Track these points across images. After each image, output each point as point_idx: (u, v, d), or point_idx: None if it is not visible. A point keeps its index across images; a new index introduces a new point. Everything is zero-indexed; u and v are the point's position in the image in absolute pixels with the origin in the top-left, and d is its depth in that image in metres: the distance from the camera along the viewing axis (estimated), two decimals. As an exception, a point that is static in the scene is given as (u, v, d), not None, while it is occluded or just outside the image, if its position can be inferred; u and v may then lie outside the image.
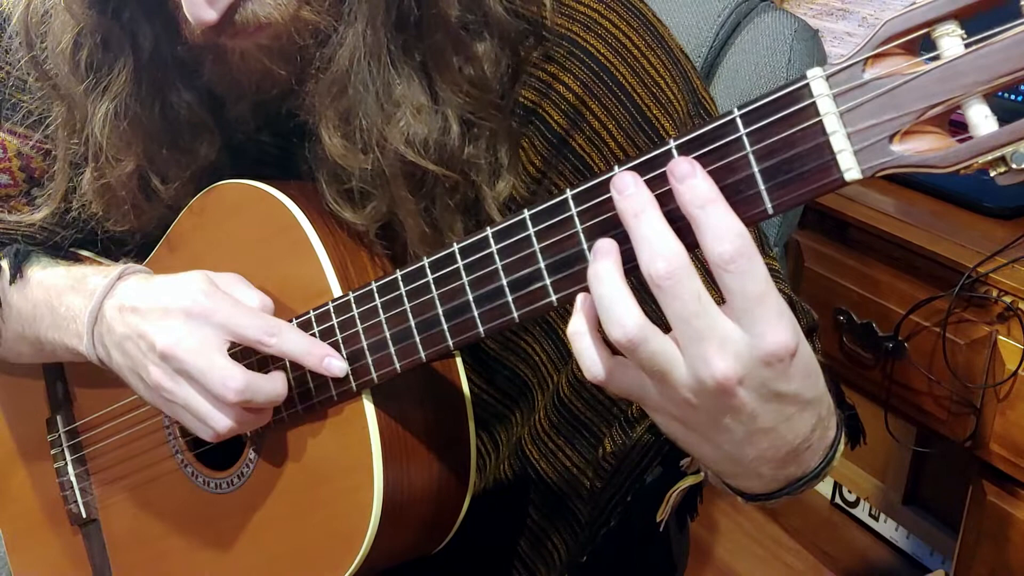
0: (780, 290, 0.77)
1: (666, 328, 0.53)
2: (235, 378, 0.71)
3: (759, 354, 0.51)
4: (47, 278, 0.85)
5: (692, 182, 0.51)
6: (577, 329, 0.56)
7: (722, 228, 0.51)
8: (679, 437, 0.59)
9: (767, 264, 0.78)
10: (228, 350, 0.73)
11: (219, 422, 0.73)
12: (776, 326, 0.51)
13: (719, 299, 0.52)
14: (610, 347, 0.56)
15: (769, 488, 0.60)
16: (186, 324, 0.73)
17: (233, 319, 0.73)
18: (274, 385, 0.74)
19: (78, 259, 0.91)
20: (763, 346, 0.51)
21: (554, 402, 0.82)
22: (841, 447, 0.60)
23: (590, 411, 0.81)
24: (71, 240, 0.88)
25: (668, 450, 0.76)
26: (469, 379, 0.80)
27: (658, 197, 0.54)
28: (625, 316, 0.53)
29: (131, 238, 0.84)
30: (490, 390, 0.85)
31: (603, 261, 0.54)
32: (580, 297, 0.57)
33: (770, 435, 0.55)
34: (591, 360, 0.56)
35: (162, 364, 0.74)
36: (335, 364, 0.72)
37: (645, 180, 0.55)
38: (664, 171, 0.53)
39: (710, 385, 0.52)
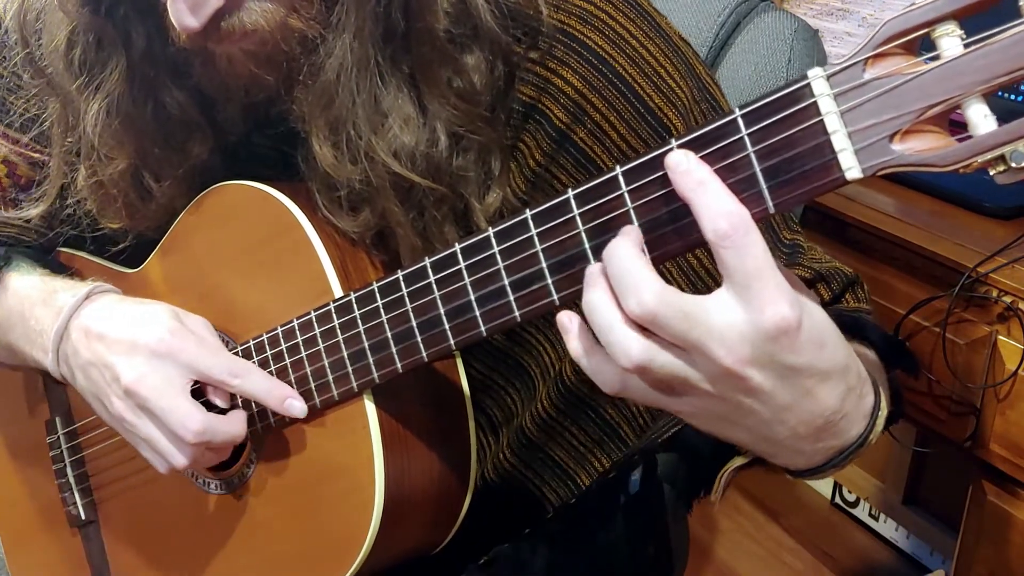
0: (802, 263, 0.77)
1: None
2: (195, 420, 0.75)
3: (762, 330, 0.51)
4: (22, 287, 0.86)
5: (685, 167, 0.53)
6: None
7: (716, 206, 0.51)
8: (712, 429, 0.59)
9: (792, 240, 0.79)
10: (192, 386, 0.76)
11: (176, 458, 0.77)
12: (775, 300, 0.51)
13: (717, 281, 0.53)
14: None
15: (813, 463, 0.60)
16: (151, 362, 0.76)
17: (198, 359, 0.76)
18: (232, 427, 0.77)
19: (61, 265, 0.91)
20: (763, 321, 0.51)
21: (558, 388, 0.83)
22: (883, 412, 0.59)
23: (597, 394, 0.82)
24: (66, 236, 0.88)
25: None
26: (471, 364, 0.79)
27: (662, 197, 0.55)
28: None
29: (124, 237, 0.84)
30: (493, 376, 0.85)
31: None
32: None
33: (794, 411, 0.55)
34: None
35: (125, 399, 0.77)
36: (296, 405, 0.76)
37: (645, 181, 0.56)
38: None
39: (720, 372, 0.52)
